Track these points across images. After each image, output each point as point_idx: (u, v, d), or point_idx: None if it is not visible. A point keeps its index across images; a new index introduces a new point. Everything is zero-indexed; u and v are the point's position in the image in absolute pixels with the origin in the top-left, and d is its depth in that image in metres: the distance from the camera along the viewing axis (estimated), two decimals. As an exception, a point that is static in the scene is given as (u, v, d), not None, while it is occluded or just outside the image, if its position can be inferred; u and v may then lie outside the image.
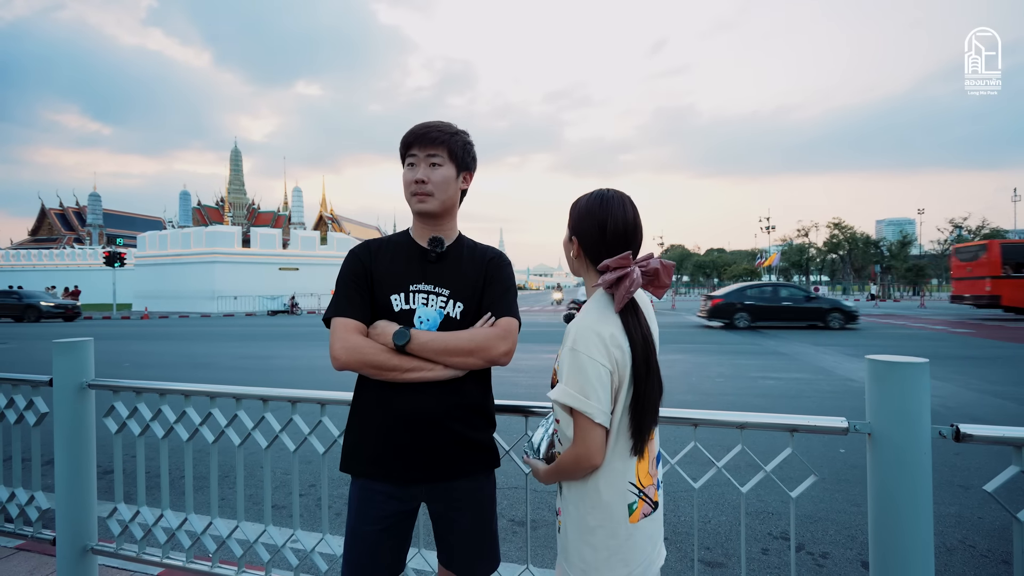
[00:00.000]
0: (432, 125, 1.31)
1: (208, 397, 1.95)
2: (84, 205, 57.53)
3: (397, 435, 1.26)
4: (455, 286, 1.32)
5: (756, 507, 3.19)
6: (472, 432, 1.31)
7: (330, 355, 1.23)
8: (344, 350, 1.21)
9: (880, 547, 1.30)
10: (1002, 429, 1.28)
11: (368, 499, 1.28)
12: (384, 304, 1.29)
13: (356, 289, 1.28)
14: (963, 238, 47.46)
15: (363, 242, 1.36)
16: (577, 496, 1.14)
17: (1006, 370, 7.97)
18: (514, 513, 3.16)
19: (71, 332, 17.09)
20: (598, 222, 1.13)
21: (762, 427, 1.46)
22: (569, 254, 1.23)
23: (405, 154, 1.33)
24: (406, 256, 1.34)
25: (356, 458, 1.30)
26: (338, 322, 1.25)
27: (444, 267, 1.34)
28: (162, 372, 8.56)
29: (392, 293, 1.29)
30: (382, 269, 1.31)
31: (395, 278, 1.31)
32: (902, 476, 1.26)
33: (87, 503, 2.13)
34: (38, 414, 2.28)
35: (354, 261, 1.32)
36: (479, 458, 1.33)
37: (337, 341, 1.23)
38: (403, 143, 1.33)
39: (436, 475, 1.28)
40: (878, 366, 1.30)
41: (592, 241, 1.15)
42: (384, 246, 1.36)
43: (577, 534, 1.13)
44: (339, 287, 1.31)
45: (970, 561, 2.58)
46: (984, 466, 3.79)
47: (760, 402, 6.02)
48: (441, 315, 1.29)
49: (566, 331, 1.11)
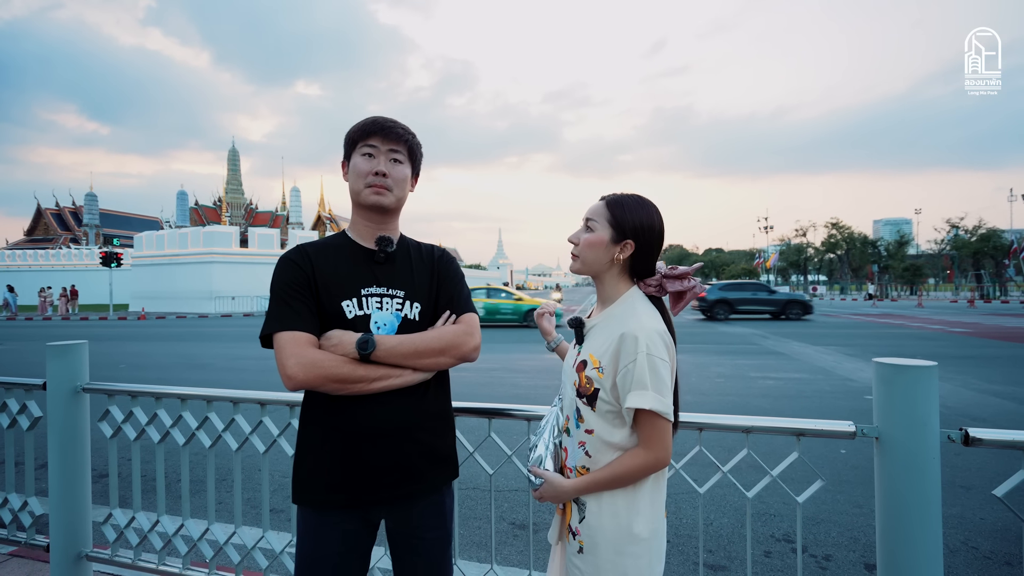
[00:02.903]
0: (393, 120, 1.25)
1: (205, 401, 1.92)
2: (80, 205, 57.29)
3: (362, 453, 1.16)
4: (409, 287, 1.26)
5: (758, 508, 3.17)
6: (438, 441, 1.26)
7: (282, 374, 1.09)
8: (301, 366, 1.08)
9: (888, 551, 1.28)
10: (1011, 433, 1.27)
11: (326, 523, 1.18)
12: (334, 312, 1.17)
13: (300, 298, 1.16)
14: (959, 238, 47.61)
15: (296, 247, 1.24)
16: (622, 506, 1.09)
17: (1004, 369, 7.99)
18: (515, 516, 3.14)
19: (67, 334, 17.00)
20: (659, 232, 1.16)
21: (768, 431, 1.44)
22: (605, 254, 1.16)
23: (359, 142, 1.24)
24: (350, 259, 1.24)
25: (314, 488, 1.18)
26: (286, 337, 1.11)
27: (394, 268, 1.26)
28: (159, 374, 8.51)
29: (343, 299, 1.19)
30: (327, 274, 1.20)
31: (344, 283, 1.20)
32: (911, 480, 1.24)
33: (82, 508, 2.10)
34: (32, 418, 2.24)
35: (291, 268, 1.19)
36: (443, 469, 1.27)
37: (290, 358, 1.09)
38: (361, 130, 1.24)
39: (402, 492, 1.19)
40: (886, 369, 1.28)
41: (651, 248, 1.16)
42: (322, 249, 1.25)
43: (615, 548, 1.08)
44: (278, 298, 1.16)
45: (973, 563, 2.56)
46: (985, 467, 3.78)
47: (761, 403, 6.01)
48: (399, 318, 1.22)
49: (625, 335, 1.07)
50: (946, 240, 49.98)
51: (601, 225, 1.15)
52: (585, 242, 1.17)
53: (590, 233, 1.17)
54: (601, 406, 1.11)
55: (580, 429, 1.15)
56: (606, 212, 1.16)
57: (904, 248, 55.88)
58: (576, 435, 1.16)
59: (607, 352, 1.10)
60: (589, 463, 1.13)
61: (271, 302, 1.18)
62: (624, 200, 1.16)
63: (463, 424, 1.74)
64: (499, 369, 8.51)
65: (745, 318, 19.70)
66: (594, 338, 1.17)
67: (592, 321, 1.21)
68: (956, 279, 45.52)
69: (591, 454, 1.12)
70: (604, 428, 1.10)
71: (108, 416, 2.08)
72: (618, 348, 1.08)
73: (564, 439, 1.21)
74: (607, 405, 1.11)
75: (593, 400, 1.12)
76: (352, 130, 1.26)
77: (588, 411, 1.13)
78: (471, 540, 2.85)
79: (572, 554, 1.14)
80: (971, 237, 47.03)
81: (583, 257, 1.18)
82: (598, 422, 1.11)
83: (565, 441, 1.20)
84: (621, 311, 1.15)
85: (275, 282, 1.18)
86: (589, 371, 1.12)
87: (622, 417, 1.10)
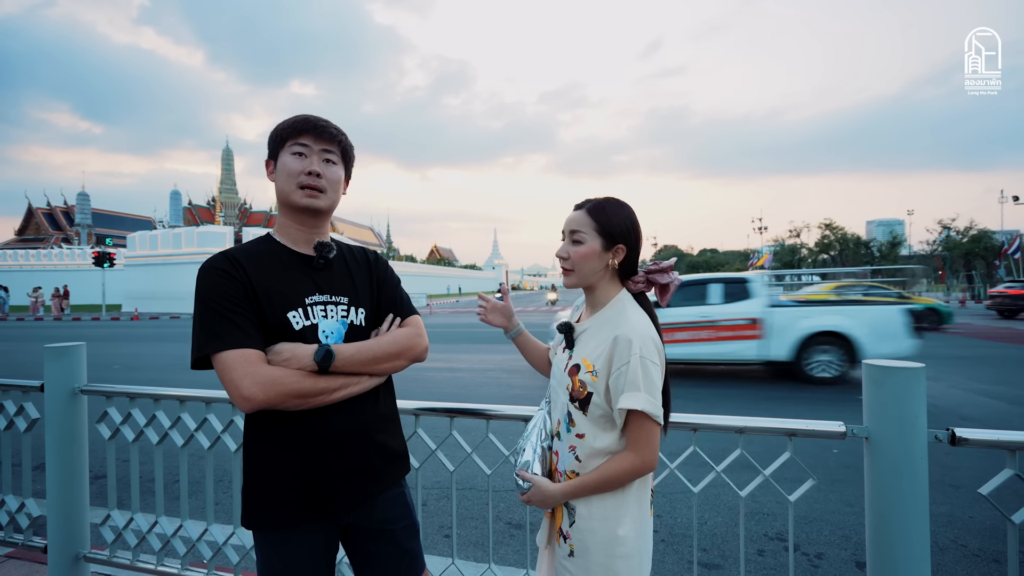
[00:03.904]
0: (325, 120, 1.18)
1: (203, 403, 1.93)
2: (72, 205, 56.80)
3: (328, 461, 1.12)
4: (352, 292, 1.22)
5: (751, 508, 3.21)
6: (392, 440, 1.26)
7: (235, 396, 1.01)
8: (260, 385, 1.01)
9: (877, 549, 1.31)
10: (996, 433, 1.30)
11: (293, 540, 1.13)
12: (279, 324, 1.10)
13: (240, 312, 1.06)
14: (951, 239, 48.05)
15: (221, 253, 1.13)
16: (611, 509, 1.10)
17: (994, 369, 8.08)
18: (511, 516, 3.16)
19: (60, 335, 16.86)
20: (639, 229, 1.19)
21: (761, 431, 1.47)
22: (599, 264, 1.16)
23: (289, 140, 1.16)
24: (285, 266, 1.17)
25: (275, 507, 1.11)
26: (234, 356, 1.02)
27: (333, 273, 1.21)
28: (153, 375, 8.46)
29: (288, 310, 1.11)
30: (266, 284, 1.11)
31: (286, 292, 1.13)
32: (899, 480, 1.27)
33: (79, 510, 2.11)
34: (29, 420, 2.24)
35: (225, 279, 1.08)
36: (400, 465, 1.29)
37: (245, 377, 1.01)
38: (291, 128, 1.16)
39: (368, 492, 1.19)
40: (875, 370, 1.31)
41: (638, 248, 1.18)
42: (252, 256, 1.15)
43: (605, 551, 1.09)
44: (213, 312, 1.05)
45: (962, 560, 2.61)
46: (974, 466, 3.84)
47: (756, 404, 6.06)
48: (345, 325, 1.18)
49: (618, 338, 1.08)
50: (938, 241, 50.44)
51: (589, 235, 1.14)
52: (577, 255, 1.16)
53: (580, 246, 1.15)
54: (593, 410, 1.11)
55: (571, 433, 1.14)
56: (590, 221, 1.15)
57: (897, 249, 56.32)
58: (567, 439, 1.16)
59: (601, 355, 1.10)
60: (579, 467, 1.13)
61: (203, 317, 1.06)
62: (604, 205, 1.16)
63: (459, 425, 1.77)
64: (494, 370, 8.53)
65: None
66: (586, 342, 1.17)
67: (582, 325, 1.20)
68: (948, 279, 45.93)
69: (581, 459, 1.13)
70: (594, 432, 1.11)
71: (106, 418, 2.09)
72: (612, 351, 1.08)
73: (555, 443, 1.21)
74: (599, 409, 1.11)
75: (586, 404, 1.12)
76: (280, 127, 1.18)
77: (580, 415, 1.13)
78: (468, 540, 2.87)
79: (563, 557, 1.15)
80: (962, 238, 47.49)
81: (578, 271, 1.17)
82: (589, 426, 1.12)
83: (555, 445, 1.20)
84: (612, 314, 1.15)
85: (207, 295, 1.07)
86: (582, 375, 1.12)
87: (612, 421, 1.10)
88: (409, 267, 67.63)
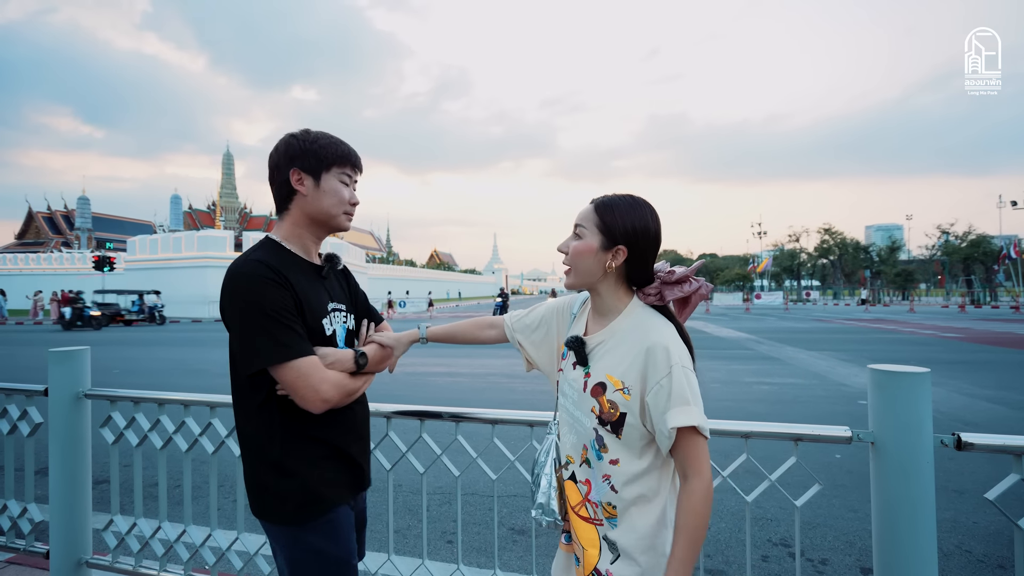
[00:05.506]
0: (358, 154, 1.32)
1: (208, 407, 1.93)
2: (72, 209, 56.89)
3: (352, 451, 1.27)
4: (346, 300, 1.35)
5: (755, 513, 3.19)
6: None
7: (314, 400, 1.10)
8: (334, 388, 1.13)
9: (884, 555, 1.30)
10: (1002, 438, 1.30)
11: (347, 522, 1.23)
12: (316, 330, 1.19)
13: (298, 321, 1.14)
14: (950, 244, 48.14)
15: (261, 262, 1.14)
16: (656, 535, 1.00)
17: (996, 374, 8.08)
18: (513, 522, 3.15)
19: (59, 339, 16.84)
20: (654, 235, 1.05)
21: (767, 436, 1.47)
22: (595, 263, 1.06)
23: (335, 167, 1.23)
24: (306, 275, 1.24)
25: (324, 496, 1.18)
26: (308, 363, 1.10)
27: (333, 283, 1.33)
28: (153, 379, 8.45)
29: (322, 317, 1.22)
30: (303, 293, 1.18)
31: (318, 300, 1.23)
32: (906, 484, 1.27)
33: (82, 515, 2.10)
34: (32, 424, 2.24)
35: (276, 288, 1.12)
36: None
37: (323, 383, 1.11)
38: (340, 156, 1.23)
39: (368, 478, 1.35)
40: (880, 376, 1.31)
41: (645, 254, 1.05)
42: (285, 266, 1.18)
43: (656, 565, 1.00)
44: (274, 322, 1.09)
45: (967, 566, 2.60)
46: (978, 471, 3.83)
47: (757, 407, 6.05)
48: (345, 329, 1.31)
49: (651, 349, 0.98)
50: (937, 246, 50.55)
51: (590, 231, 1.05)
52: (574, 251, 1.07)
53: (578, 241, 1.07)
54: (629, 432, 1.00)
55: (603, 460, 1.02)
56: (595, 217, 1.05)
57: (896, 253, 56.43)
58: (598, 467, 1.03)
59: (631, 370, 1.00)
60: (615, 499, 1.02)
61: (265, 326, 1.09)
62: (614, 202, 1.05)
63: (464, 429, 1.76)
64: (496, 374, 8.52)
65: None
66: (605, 357, 1.05)
67: (596, 338, 1.08)
68: (947, 284, 45.99)
69: (617, 488, 1.01)
70: (629, 457, 1.00)
71: (110, 422, 2.08)
72: (645, 364, 0.98)
73: (583, 471, 1.08)
74: (635, 431, 1.00)
75: (619, 426, 1.00)
76: (324, 147, 1.22)
77: (612, 439, 1.01)
78: (472, 546, 2.85)
79: None
80: (961, 243, 47.60)
81: (575, 269, 1.08)
82: (623, 451, 1.01)
83: (585, 474, 1.07)
84: (630, 324, 1.05)
85: (263, 304, 1.09)
86: (611, 394, 1.01)
87: (649, 442, 1.01)
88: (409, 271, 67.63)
